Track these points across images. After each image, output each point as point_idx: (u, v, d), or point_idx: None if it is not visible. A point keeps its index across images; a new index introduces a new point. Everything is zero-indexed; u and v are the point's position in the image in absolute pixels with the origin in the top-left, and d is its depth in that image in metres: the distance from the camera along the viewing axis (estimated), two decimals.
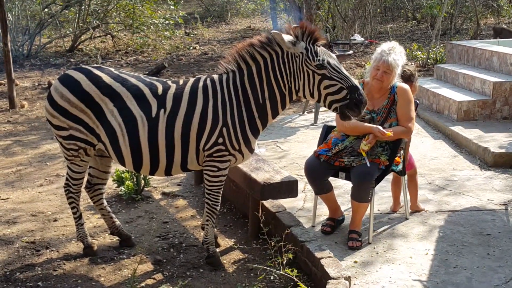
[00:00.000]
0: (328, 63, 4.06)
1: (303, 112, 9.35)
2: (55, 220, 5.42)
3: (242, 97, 4.22)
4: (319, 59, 4.05)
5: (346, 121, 4.22)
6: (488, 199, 5.46)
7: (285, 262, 4.02)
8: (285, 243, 4.15)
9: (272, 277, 4.16)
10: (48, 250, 4.79)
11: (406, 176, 5.00)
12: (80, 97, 4.19)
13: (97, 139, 4.27)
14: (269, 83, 4.18)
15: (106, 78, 4.25)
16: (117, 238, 4.87)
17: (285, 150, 7.25)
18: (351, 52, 10.37)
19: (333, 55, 4.20)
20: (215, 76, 4.31)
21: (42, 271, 4.44)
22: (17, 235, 5.10)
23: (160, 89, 4.25)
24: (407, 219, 5.03)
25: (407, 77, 4.97)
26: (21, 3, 15.61)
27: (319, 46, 4.12)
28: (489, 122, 7.79)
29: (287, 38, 4.05)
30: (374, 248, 4.53)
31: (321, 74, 4.06)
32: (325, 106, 4.17)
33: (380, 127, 4.52)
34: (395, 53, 4.61)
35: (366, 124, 4.58)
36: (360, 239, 4.58)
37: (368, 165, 4.46)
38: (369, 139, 4.51)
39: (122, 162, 4.30)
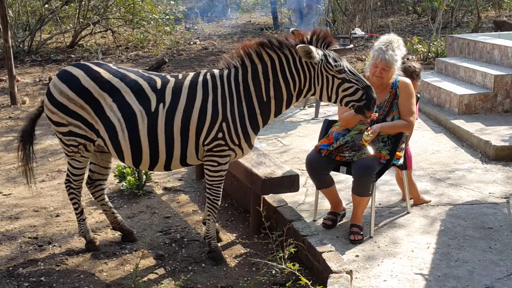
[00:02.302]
0: (346, 67, 4.16)
1: (304, 107, 9.34)
2: (58, 216, 5.44)
3: (243, 93, 4.22)
4: (339, 64, 4.13)
5: (359, 114, 4.27)
6: (489, 193, 5.46)
7: (286, 256, 4.03)
8: (287, 237, 4.16)
9: (273, 271, 4.18)
10: (50, 246, 4.80)
11: (405, 171, 4.99)
12: (79, 93, 4.19)
13: (96, 135, 4.27)
14: (276, 83, 4.19)
15: (105, 73, 4.25)
16: (119, 233, 4.88)
17: (286, 144, 7.26)
18: (351, 46, 10.36)
19: (343, 58, 4.25)
20: (216, 71, 4.31)
21: (45, 266, 4.45)
22: (20, 230, 5.11)
23: (159, 84, 4.25)
24: (408, 213, 5.03)
25: (410, 74, 4.97)
26: None
27: (331, 51, 4.17)
28: (490, 116, 7.79)
29: (314, 49, 4.06)
30: (375, 242, 4.54)
31: (341, 78, 4.14)
32: (341, 105, 4.25)
33: None
34: (392, 48, 4.61)
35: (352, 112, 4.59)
36: (361, 233, 4.59)
37: (372, 152, 4.45)
38: (371, 130, 4.51)
39: (121, 157, 4.30)
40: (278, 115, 4.37)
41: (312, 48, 4.07)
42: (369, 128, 4.54)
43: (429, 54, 12.37)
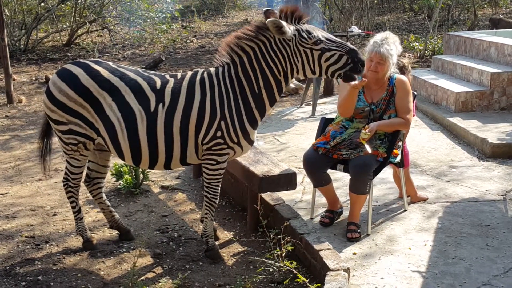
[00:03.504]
0: (322, 36, 4.11)
1: (301, 105, 9.35)
2: (55, 215, 5.43)
3: (238, 89, 4.22)
4: (314, 36, 4.08)
5: (350, 82, 4.24)
6: (486, 190, 5.47)
7: (284, 254, 4.03)
8: (284, 235, 4.16)
9: (271, 270, 4.17)
10: (47, 245, 4.80)
11: (402, 169, 5.00)
12: (78, 92, 4.19)
13: (96, 134, 4.27)
14: (262, 72, 4.19)
15: (104, 72, 4.24)
16: (117, 232, 4.88)
17: (283, 142, 7.26)
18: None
19: (319, 28, 4.22)
20: (212, 70, 4.31)
21: (42, 265, 4.45)
22: (17, 229, 5.11)
23: (158, 84, 4.24)
24: (405, 210, 5.04)
25: (400, 69, 4.98)
26: None
27: (304, 24, 4.16)
28: (487, 113, 7.80)
29: (284, 23, 4.06)
30: (373, 239, 4.55)
31: (320, 49, 4.09)
32: (327, 77, 4.20)
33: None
34: (387, 43, 4.61)
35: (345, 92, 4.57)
36: (358, 230, 4.59)
37: (370, 151, 4.44)
38: (368, 128, 4.51)
39: (121, 156, 4.30)
40: (273, 105, 4.36)
41: (282, 22, 4.03)
42: (366, 126, 4.54)
43: (426, 52, 12.38)
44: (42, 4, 15.34)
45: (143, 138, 4.17)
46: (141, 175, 5.92)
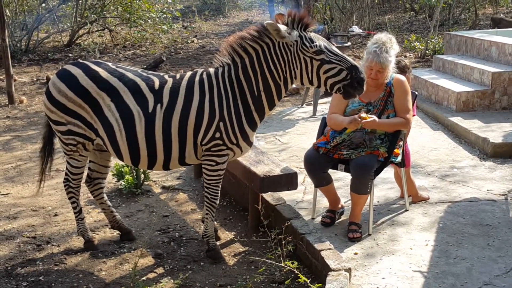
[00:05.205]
0: (325, 47, 4.07)
1: (302, 105, 9.34)
2: (56, 215, 5.43)
3: (238, 90, 4.21)
4: (316, 45, 4.05)
5: (350, 99, 4.21)
6: (487, 190, 5.46)
7: (285, 254, 4.03)
8: (285, 235, 4.16)
9: (272, 270, 4.17)
10: (49, 245, 4.80)
11: (404, 168, 4.99)
12: (77, 92, 4.19)
13: (95, 134, 4.27)
14: (263, 75, 4.17)
15: (103, 73, 4.24)
16: (118, 232, 4.88)
17: (284, 142, 7.26)
18: (349, 43, 10.37)
19: (324, 38, 4.20)
20: (211, 70, 4.30)
21: (43, 265, 4.45)
22: (18, 230, 5.11)
23: (157, 84, 4.24)
24: (407, 210, 5.04)
25: (402, 68, 4.97)
26: None
27: (310, 32, 4.13)
28: (488, 113, 7.79)
29: (283, 27, 4.04)
30: (374, 239, 4.54)
31: (320, 60, 4.05)
32: (326, 89, 4.16)
33: (355, 117, 4.47)
34: (386, 50, 4.59)
35: (343, 118, 4.58)
36: (360, 230, 4.59)
37: (363, 115, 4.41)
38: (370, 117, 4.46)
39: (120, 157, 4.30)
40: (272, 108, 4.35)
41: (280, 26, 4.01)
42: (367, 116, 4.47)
43: (427, 51, 12.37)
44: (43, 4, 15.34)
45: (141, 138, 4.17)
46: (142, 176, 5.92)
